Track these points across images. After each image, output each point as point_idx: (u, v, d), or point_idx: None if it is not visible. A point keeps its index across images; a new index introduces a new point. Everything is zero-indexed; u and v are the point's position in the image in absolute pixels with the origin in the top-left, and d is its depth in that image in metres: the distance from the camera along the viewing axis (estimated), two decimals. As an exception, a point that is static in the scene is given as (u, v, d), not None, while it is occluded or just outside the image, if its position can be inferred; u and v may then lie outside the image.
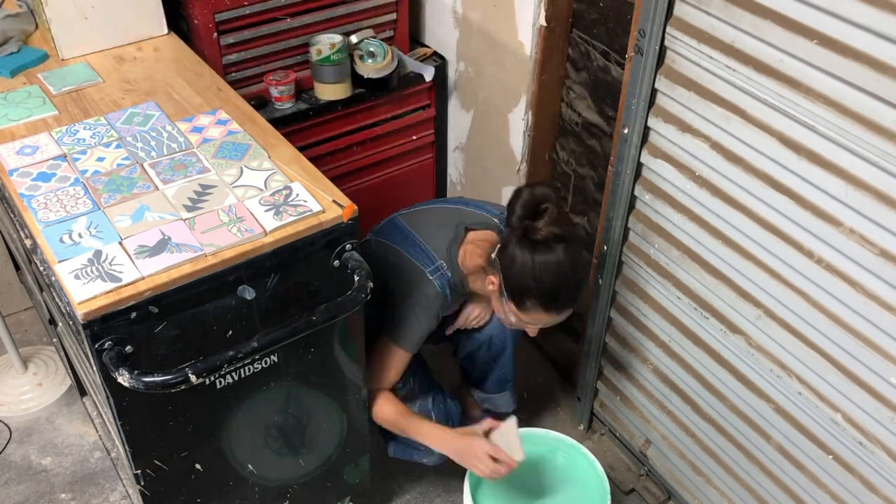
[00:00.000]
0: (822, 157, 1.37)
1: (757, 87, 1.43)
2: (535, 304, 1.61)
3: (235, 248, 1.37)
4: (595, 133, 2.06)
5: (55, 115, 1.68)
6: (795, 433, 1.62)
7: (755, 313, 1.61)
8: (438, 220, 1.81)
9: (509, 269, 1.59)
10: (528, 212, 1.56)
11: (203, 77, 1.83)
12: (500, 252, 1.62)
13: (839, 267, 1.41)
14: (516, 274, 1.58)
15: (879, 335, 1.38)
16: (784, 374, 1.59)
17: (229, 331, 1.43)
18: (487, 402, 2.13)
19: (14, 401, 2.33)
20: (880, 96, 1.23)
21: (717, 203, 1.60)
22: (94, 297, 1.26)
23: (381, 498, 2.14)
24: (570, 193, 2.24)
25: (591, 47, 1.97)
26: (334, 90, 2.24)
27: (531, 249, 1.56)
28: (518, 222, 1.57)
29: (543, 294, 1.59)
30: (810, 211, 1.42)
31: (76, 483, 2.15)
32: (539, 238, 1.55)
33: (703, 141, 1.58)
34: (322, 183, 1.52)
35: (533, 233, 1.55)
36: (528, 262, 1.56)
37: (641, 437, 2.12)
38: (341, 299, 1.46)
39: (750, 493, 1.81)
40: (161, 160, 1.55)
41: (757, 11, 1.38)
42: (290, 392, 1.63)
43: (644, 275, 1.87)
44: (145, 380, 1.28)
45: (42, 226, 1.40)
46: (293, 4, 2.16)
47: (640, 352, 1.99)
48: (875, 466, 1.47)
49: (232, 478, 1.66)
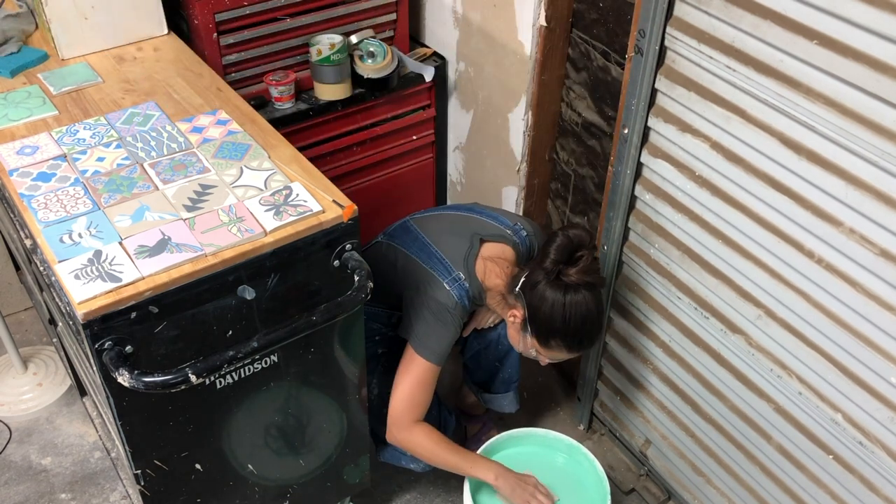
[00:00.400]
0: (822, 157, 1.37)
1: (757, 87, 1.43)
2: (560, 345, 1.65)
3: (235, 248, 1.37)
4: (595, 133, 2.06)
5: (55, 115, 1.68)
6: (796, 433, 1.62)
7: (755, 313, 1.61)
8: (453, 229, 1.80)
9: (537, 309, 1.62)
10: (563, 257, 1.60)
11: (203, 77, 1.83)
12: (525, 287, 1.64)
13: (839, 267, 1.41)
14: (545, 315, 1.61)
15: (879, 335, 1.38)
16: (784, 374, 1.59)
17: (229, 331, 1.43)
18: (491, 402, 2.13)
19: (14, 401, 2.33)
20: (880, 96, 1.23)
21: (718, 203, 1.60)
22: (94, 297, 1.26)
23: (381, 498, 2.14)
24: (570, 193, 2.24)
25: (591, 47, 1.97)
26: (334, 90, 2.24)
27: (563, 292, 1.59)
28: (552, 266, 1.60)
29: (569, 336, 1.63)
30: (810, 211, 1.42)
31: (76, 483, 2.15)
32: (570, 283, 1.59)
33: (704, 141, 1.58)
34: (322, 183, 1.52)
35: (565, 277, 1.59)
36: (558, 305, 1.59)
37: (641, 437, 2.12)
38: (341, 299, 1.46)
39: (750, 493, 1.81)
40: (161, 160, 1.55)
41: (757, 11, 1.38)
42: (290, 392, 1.63)
43: (644, 275, 1.87)
44: (145, 380, 1.27)
45: (42, 226, 1.40)
46: (293, 4, 2.15)
47: (641, 352, 1.99)
48: (875, 466, 1.47)
49: (232, 478, 1.66)
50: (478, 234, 1.76)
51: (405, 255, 1.77)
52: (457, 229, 1.79)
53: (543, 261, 1.62)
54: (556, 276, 1.59)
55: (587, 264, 1.59)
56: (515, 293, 1.67)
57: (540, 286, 1.61)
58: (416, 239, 1.79)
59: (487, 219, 1.82)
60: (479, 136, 2.44)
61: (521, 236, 1.79)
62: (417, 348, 1.71)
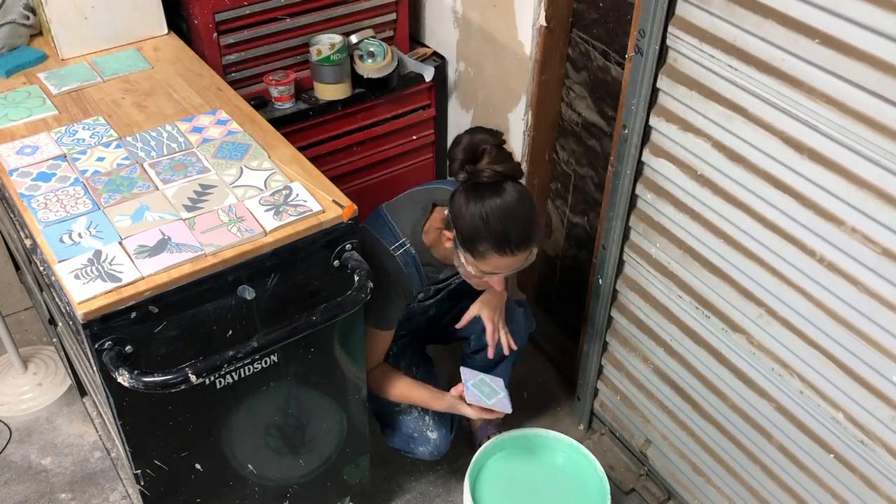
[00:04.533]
0: (823, 156, 1.36)
1: (759, 86, 1.42)
2: (489, 249, 1.58)
3: (235, 247, 1.37)
4: (595, 133, 2.06)
5: (55, 115, 1.68)
6: (797, 432, 1.62)
7: (757, 312, 1.61)
8: (413, 200, 1.82)
9: (459, 219, 1.58)
10: (469, 156, 1.55)
11: (203, 77, 1.83)
12: (450, 205, 1.60)
13: (841, 265, 1.40)
14: (466, 221, 1.56)
15: (881, 333, 1.38)
16: (785, 373, 1.59)
17: (229, 331, 1.43)
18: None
19: (14, 401, 2.33)
20: (882, 95, 1.23)
21: (719, 202, 1.60)
22: (94, 297, 1.26)
23: (381, 498, 2.14)
24: (570, 193, 2.24)
25: (591, 47, 1.97)
26: (334, 90, 2.24)
27: (476, 193, 1.55)
28: (460, 167, 1.56)
29: (494, 236, 1.56)
30: (812, 210, 1.42)
31: (76, 483, 2.15)
32: (484, 180, 1.54)
33: (705, 140, 1.58)
34: (322, 183, 1.52)
35: (477, 176, 1.54)
36: (474, 206, 1.55)
37: (641, 436, 2.12)
38: (341, 299, 1.46)
39: (751, 493, 1.80)
40: (161, 160, 1.55)
41: (759, 10, 1.38)
42: (290, 392, 1.63)
43: (645, 274, 1.87)
44: (145, 380, 1.27)
45: (42, 226, 1.39)
46: (293, 4, 2.15)
47: (641, 351, 1.99)
48: (876, 465, 1.47)
49: (232, 478, 1.66)
50: (432, 200, 1.76)
51: (368, 233, 1.77)
52: (417, 200, 1.80)
53: (452, 165, 1.58)
54: (467, 177, 1.55)
55: (493, 156, 1.54)
56: (444, 216, 1.63)
57: (456, 195, 1.58)
58: (378, 215, 1.81)
59: (449, 185, 1.79)
60: (480, 136, 2.43)
61: None
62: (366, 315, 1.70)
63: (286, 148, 1.61)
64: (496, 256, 1.59)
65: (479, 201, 1.54)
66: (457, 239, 1.61)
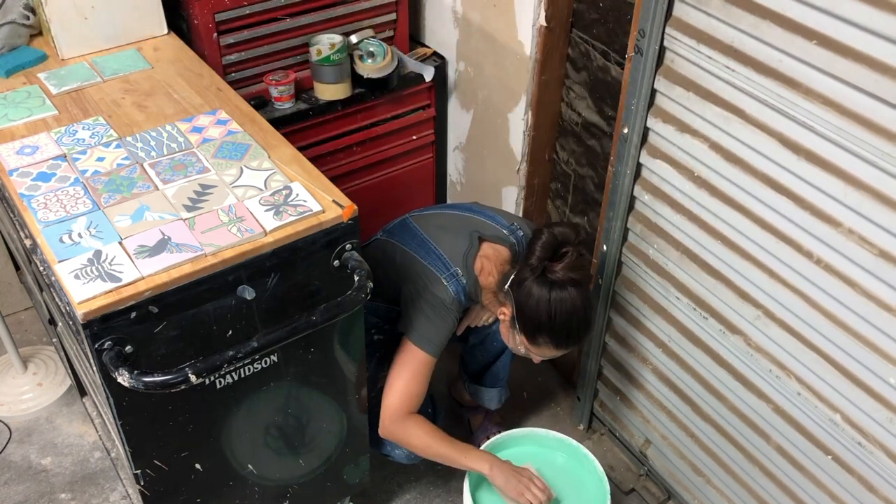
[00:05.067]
0: (821, 158, 1.37)
1: (756, 87, 1.43)
2: (547, 341, 1.66)
3: (235, 247, 1.37)
4: (595, 133, 2.06)
5: (55, 115, 1.68)
6: (794, 433, 1.62)
7: (754, 314, 1.61)
8: (452, 227, 1.81)
9: (524, 305, 1.63)
10: (548, 254, 1.61)
11: (203, 77, 1.84)
12: (514, 286, 1.65)
13: (838, 267, 1.41)
14: (531, 311, 1.63)
15: (878, 335, 1.38)
16: (783, 375, 1.59)
17: (229, 331, 1.43)
18: (476, 394, 2.15)
19: (14, 401, 2.33)
20: (879, 96, 1.23)
21: (717, 203, 1.60)
22: (93, 297, 1.26)
23: (381, 498, 2.14)
24: (570, 193, 2.25)
25: (591, 47, 1.97)
26: (334, 90, 2.24)
27: (548, 289, 1.60)
28: (537, 263, 1.61)
29: (555, 332, 1.64)
30: (809, 211, 1.42)
31: (76, 483, 2.15)
32: (556, 279, 1.60)
33: (703, 141, 1.58)
34: (322, 183, 1.52)
35: (551, 273, 1.60)
36: (543, 301, 1.60)
37: (641, 437, 2.12)
38: (341, 299, 1.46)
39: (749, 493, 1.81)
40: (161, 160, 1.55)
41: (756, 12, 1.38)
42: (290, 392, 1.63)
43: (643, 275, 1.87)
44: (145, 380, 1.28)
45: (42, 226, 1.40)
46: (293, 4, 2.15)
47: (640, 352, 1.99)
48: (874, 466, 1.47)
49: (232, 478, 1.66)
50: (477, 233, 1.78)
51: (404, 251, 1.78)
52: (456, 228, 1.80)
53: (529, 258, 1.63)
54: (541, 272, 1.61)
55: (572, 260, 1.60)
56: (504, 291, 1.68)
57: (526, 283, 1.63)
58: (415, 236, 1.80)
59: (486, 219, 1.83)
60: (479, 136, 2.44)
61: (517, 237, 1.80)
62: (415, 340, 1.72)
63: (286, 148, 1.61)
64: (552, 348, 1.68)
65: (549, 298, 1.60)
66: (516, 321, 1.67)
